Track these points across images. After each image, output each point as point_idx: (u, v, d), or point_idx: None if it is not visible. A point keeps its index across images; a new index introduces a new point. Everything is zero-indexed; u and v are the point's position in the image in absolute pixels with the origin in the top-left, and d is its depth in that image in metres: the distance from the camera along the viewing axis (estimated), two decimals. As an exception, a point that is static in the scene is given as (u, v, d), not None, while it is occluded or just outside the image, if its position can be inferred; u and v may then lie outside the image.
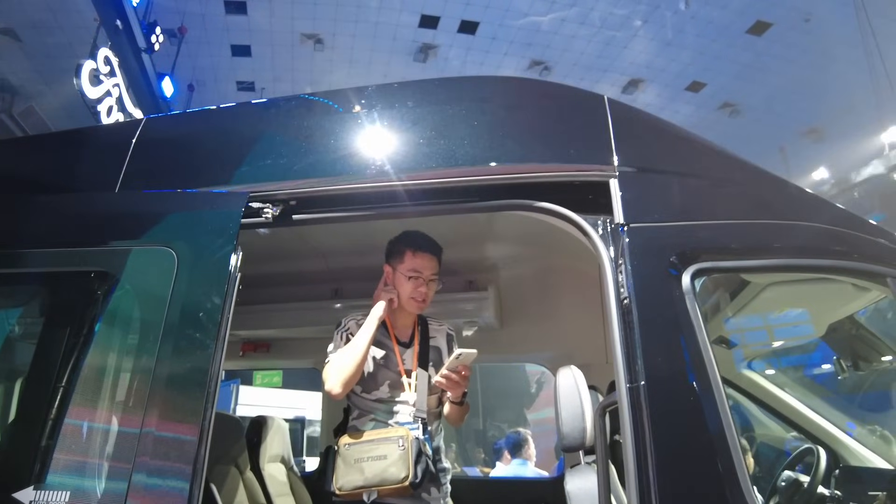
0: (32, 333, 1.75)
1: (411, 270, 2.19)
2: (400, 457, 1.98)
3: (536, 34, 13.84)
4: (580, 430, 1.56)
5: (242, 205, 1.71)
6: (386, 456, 1.99)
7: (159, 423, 1.50)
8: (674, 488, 1.29)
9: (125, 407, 1.55)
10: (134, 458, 1.48)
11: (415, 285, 2.19)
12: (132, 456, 1.48)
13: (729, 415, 1.32)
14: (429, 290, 2.23)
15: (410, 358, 2.25)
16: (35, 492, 1.47)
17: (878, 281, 1.48)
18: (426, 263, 2.21)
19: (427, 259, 2.21)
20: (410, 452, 1.98)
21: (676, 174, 1.64)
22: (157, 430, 1.50)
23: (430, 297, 2.26)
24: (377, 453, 2.01)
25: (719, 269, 1.56)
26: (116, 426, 1.54)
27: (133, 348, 1.60)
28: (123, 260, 1.69)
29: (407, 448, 1.99)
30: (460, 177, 1.71)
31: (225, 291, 1.60)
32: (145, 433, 1.49)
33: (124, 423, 1.54)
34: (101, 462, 1.53)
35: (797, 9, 12.67)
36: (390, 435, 2.04)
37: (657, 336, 1.40)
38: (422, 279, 2.20)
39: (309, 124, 1.93)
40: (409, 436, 2.02)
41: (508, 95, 1.94)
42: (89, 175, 2.02)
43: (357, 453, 2.03)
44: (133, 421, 1.52)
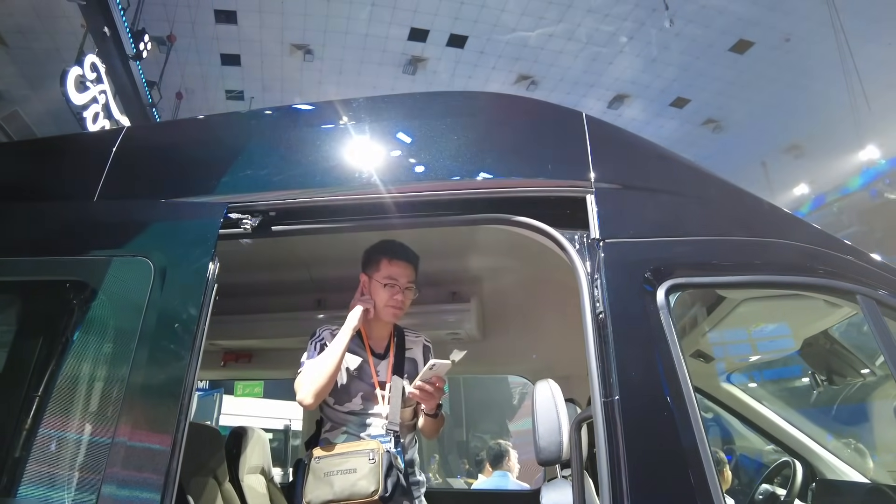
0: (6, 343, 1.72)
1: (387, 278, 2.19)
2: (370, 470, 1.94)
3: (524, 49, 14.00)
4: (556, 444, 1.57)
5: (221, 215, 1.70)
6: (356, 469, 1.95)
7: (131, 434, 1.48)
8: (647, 498, 1.30)
9: (97, 417, 1.53)
10: (104, 469, 1.45)
11: (391, 293, 2.18)
12: (102, 467, 1.46)
13: (702, 429, 1.33)
14: (405, 298, 2.22)
15: (385, 369, 2.22)
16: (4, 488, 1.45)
17: (848, 298, 1.51)
18: (402, 271, 2.20)
19: (402, 267, 2.21)
20: (381, 466, 1.95)
21: (652, 191, 1.68)
22: (129, 440, 1.47)
23: (406, 305, 2.24)
24: (347, 466, 1.97)
25: (693, 285, 1.59)
26: (88, 436, 1.52)
27: (107, 359, 1.58)
28: (99, 270, 1.68)
29: (377, 461, 1.96)
30: (440, 190, 1.73)
31: (201, 302, 1.59)
32: (117, 443, 1.47)
33: (96, 433, 1.52)
34: (72, 473, 1.51)
35: (777, 29, 12.97)
36: (361, 448, 2.01)
37: (632, 351, 1.42)
38: (398, 287, 2.19)
39: (290, 136, 1.94)
40: (380, 449, 1.99)
41: (488, 111, 1.97)
42: (68, 183, 2.00)
43: (327, 466, 1.99)
44: (105, 431, 1.50)
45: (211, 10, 12.19)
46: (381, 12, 12.69)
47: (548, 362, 3.18)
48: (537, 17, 12.95)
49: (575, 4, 12.50)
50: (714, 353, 2.61)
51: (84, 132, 6.40)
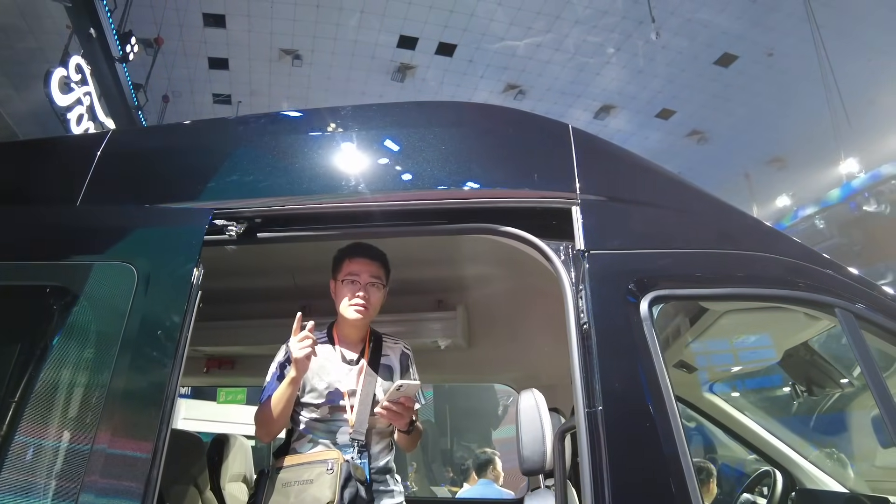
0: None
1: (347, 274, 2.14)
2: (326, 481, 1.88)
3: (512, 59, 14.12)
4: (540, 454, 1.58)
5: (206, 222, 1.69)
6: (312, 480, 1.90)
7: (111, 441, 1.46)
8: (629, 510, 1.31)
9: (77, 424, 1.50)
10: (82, 477, 1.43)
11: (352, 290, 2.12)
12: (81, 475, 1.43)
13: (684, 440, 1.35)
14: (369, 294, 2.13)
15: (355, 376, 2.14)
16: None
17: (826, 311, 1.54)
18: (362, 267, 2.15)
19: (363, 263, 2.15)
20: (338, 476, 1.89)
21: (637, 203, 1.70)
22: (109, 447, 1.45)
23: (373, 303, 2.15)
24: (305, 477, 1.91)
25: (676, 297, 1.61)
26: (66, 444, 1.49)
27: (88, 365, 1.55)
28: (82, 275, 1.66)
29: (336, 472, 1.90)
30: (426, 199, 1.73)
31: (185, 309, 1.57)
32: (96, 451, 1.44)
33: (75, 440, 1.49)
34: (49, 481, 1.47)
35: (761, 43, 13.22)
36: (320, 458, 1.96)
37: (615, 361, 1.43)
38: (358, 283, 2.12)
39: (276, 143, 1.93)
40: (339, 459, 1.93)
41: (476, 121, 1.98)
42: (51, 187, 1.98)
43: (287, 477, 1.94)
44: (84, 438, 1.47)
45: (199, 13, 12.14)
46: (371, 19, 12.72)
47: (533, 372, 3.18)
48: (525, 28, 13.08)
49: (563, 15, 12.65)
50: (697, 364, 2.64)
51: (68, 135, 6.31)
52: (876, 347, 1.59)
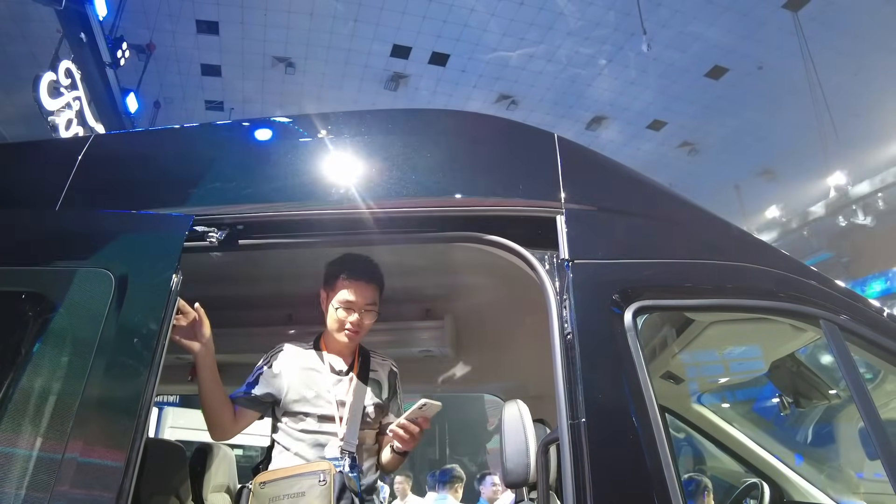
0: None
1: (342, 302, 2.07)
2: (320, 493, 1.77)
3: (505, 69, 14.21)
4: (524, 466, 1.56)
5: (186, 228, 1.66)
6: (304, 493, 1.78)
7: (84, 450, 1.41)
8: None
9: (49, 433, 1.45)
10: (52, 487, 1.38)
11: (345, 316, 2.07)
12: (51, 485, 1.38)
13: (668, 453, 1.33)
14: (362, 319, 2.08)
15: (345, 388, 2.08)
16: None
17: (811, 322, 1.53)
18: (359, 294, 2.07)
19: (360, 289, 2.08)
20: (332, 488, 1.78)
21: (622, 213, 1.69)
22: (81, 456, 1.41)
23: (364, 328, 2.11)
24: (295, 490, 1.79)
25: (661, 308, 1.60)
26: (37, 452, 1.44)
27: (63, 372, 1.51)
28: (58, 281, 1.62)
29: (329, 483, 1.79)
30: (411, 207, 1.72)
31: (162, 316, 1.54)
32: (67, 460, 1.40)
33: (46, 449, 1.44)
34: (18, 491, 1.42)
35: (751, 57, 13.38)
36: (310, 469, 1.85)
37: (599, 372, 1.41)
38: (354, 310, 2.07)
39: (260, 149, 1.92)
40: (331, 470, 1.83)
41: (461, 129, 1.97)
42: (31, 191, 1.94)
43: (273, 491, 1.81)
44: (56, 447, 1.42)
45: (192, 20, 12.13)
46: (364, 28, 12.77)
47: (521, 382, 3.16)
48: (518, 38, 13.17)
49: (555, 27, 12.75)
50: (684, 375, 2.63)
51: (50, 139, 6.25)
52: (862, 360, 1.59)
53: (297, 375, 2.08)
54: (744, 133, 15.61)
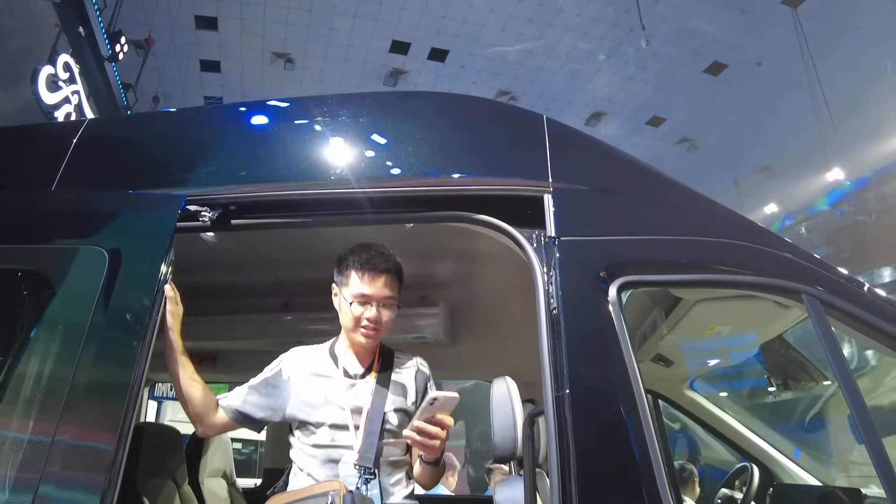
0: None
1: (356, 296, 1.84)
2: None
3: (504, 65, 14.23)
4: (511, 441, 1.58)
5: (178, 207, 1.68)
6: None
7: (74, 431, 1.42)
8: (594, 491, 1.32)
9: (40, 412, 1.45)
10: (43, 468, 1.38)
11: (361, 312, 1.83)
12: (41, 465, 1.38)
13: (650, 422, 1.35)
14: (380, 315, 1.84)
15: (361, 392, 1.84)
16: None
17: (793, 297, 1.55)
18: (375, 286, 1.84)
19: (376, 280, 1.85)
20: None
21: (608, 191, 1.71)
22: (72, 438, 1.41)
23: (384, 324, 1.86)
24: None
25: (645, 283, 1.62)
26: (28, 433, 1.44)
27: (55, 350, 1.53)
28: (53, 258, 1.65)
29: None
30: (401, 187, 1.74)
31: (154, 295, 1.56)
32: (58, 441, 1.40)
33: (37, 429, 1.44)
34: (8, 472, 1.41)
35: (750, 53, 13.40)
36: (318, 490, 1.64)
37: (583, 346, 1.44)
38: (370, 303, 1.84)
39: (251, 131, 1.94)
40: (341, 490, 1.60)
41: (452, 111, 1.99)
42: (26, 172, 1.97)
43: None
44: (46, 427, 1.42)
45: (191, 15, 12.15)
46: (363, 24, 12.78)
47: (515, 368, 3.17)
48: (517, 34, 13.18)
49: (554, 22, 12.77)
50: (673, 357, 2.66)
51: (46, 123, 6.26)
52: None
53: (306, 383, 1.86)
54: (743, 129, 15.63)
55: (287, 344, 3.46)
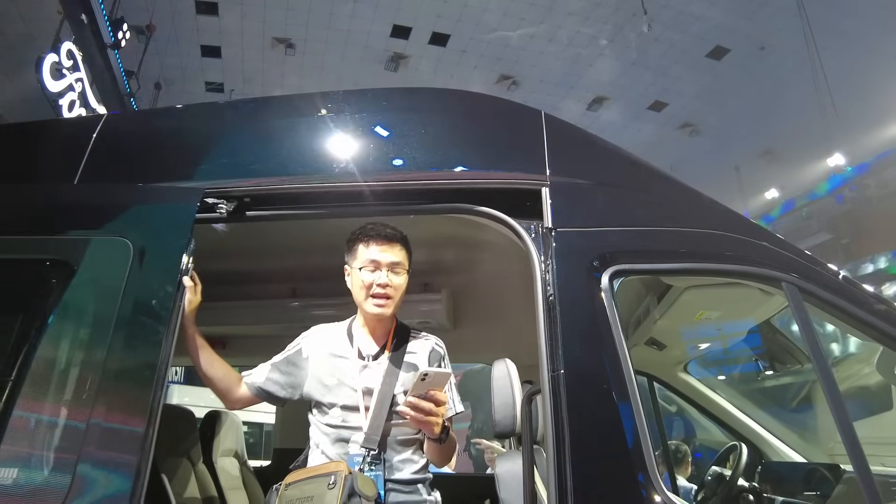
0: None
1: (364, 262, 1.89)
2: (327, 497, 1.62)
3: (505, 49, 14.14)
4: (511, 418, 1.69)
5: (197, 200, 1.78)
6: (313, 497, 1.66)
7: (107, 413, 1.52)
8: (587, 463, 1.44)
9: (74, 395, 1.56)
10: (80, 449, 1.48)
11: (371, 280, 1.88)
12: (78, 446, 1.49)
13: (638, 400, 1.47)
14: (390, 282, 1.89)
15: (373, 374, 1.89)
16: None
17: (774, 285, 1.66)
18: (381, 252, 1.90)
19: (380, 247, 1.90)
20: (340, 491, 1.61)
21: (602, 184, 1.81)
22: (105, 420, 1.52)
23: (396, 292, 1.91)
24: (307, 493, 1.68)
25: (635, 271, 1.72)
26: (64, 417, 1.54)
27: (86, 336, 1.63)
28: (80, 249, 1.75)
29: (338, 485, 1.63)
30: (406, 180, 1.84)
31: (177, 283, 1.67)
32: (92, 424, 1.51)
33: (72, 412, 1.54)
34: (48, 453, 1.52)
35: (753, 37, 13.31)
36: (323, 472, 1.71)
37: (577, 329, 1.55)
38: (378, 268, 1.89)
39: (265, 125, 2.03)
40: (344, 471, 1.67)
41: (454, 107, 2.08)
42: (48, 166, 2.06)
43: (291, 494, 1.72)
44: (81, 410, 1.53)
45: (192, 0, 12.09)
46: (364, 8, 12.71)
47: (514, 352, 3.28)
48: (519, 18, 13.11)
49: (556, 7, 12.68)
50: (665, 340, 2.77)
51: (66, 118, 6.34)
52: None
53: (323, 363, 1.93)
54: (745, 114, 15.57)
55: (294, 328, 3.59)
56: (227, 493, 3.14)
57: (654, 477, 1.40)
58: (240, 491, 3.32)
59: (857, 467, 1.41)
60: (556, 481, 1.42)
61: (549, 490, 1.44)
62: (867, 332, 1.60)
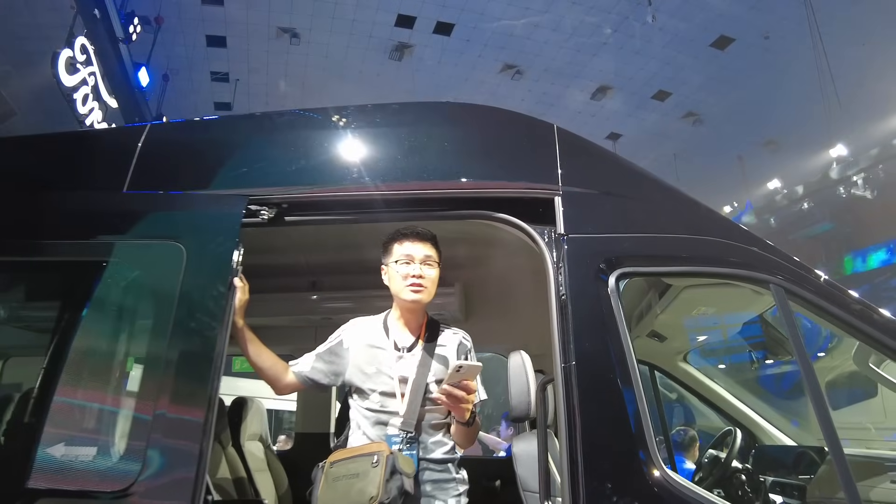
0: (58, 318, 1.93)
1: (400, 256, 2.09)
2: (371, 475, 1.82)
3: (510, 38, 14.17)
4: (526, 404, 1.89)
5: (243, 206, 1.97)
6: (358, 474, 1.84)
7: (171, 403, 1.72)
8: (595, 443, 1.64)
9: (141, 387, 1.76)
10: (148, 435, 1.69)
11: (406, 271, 2.07)
12: (147, 433, 1.70)
13: (640, 388, 1.66)
14: (424, 273, 2.07)
15: (408, 364, 2.08)
16: (64, 453, 1.71)
17: (763, 286, 1.84)
18: (414, 248, 2.09)
19: (414, 244, 2.10)
20: (383, 469, 1.81)
21: (609, 194, 1.99)
22: (169, 409, 1.71)
23: (430, 283, 2.09)
24: (352, 470, 1.87)
25: (639, 274, 1.91)
26: (133, 406, 1.76)
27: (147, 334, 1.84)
28: (136, 253, 1.94)
29: (381, 464, 1.83)
30: (431, 189, 2.02)
31: (229, 282, 1.86)
32: (159, 412, 1.71)
33: (140, 403, 1.75)
34: (117, 441, 1.74)
35: (757, 26, 13.32)
36: (366, 451, 1.91)
37: (586, 326, 1.74)
38: (413, 263, 2.08)
39: (300, 137, 2.21)
40: (385, 451, 1.87)
41: (474, 120, 2.25)
42: (96, 176, 2.23)
43: (337, 472, 1.90)
44: (148, 401, 1.73)
45: (197, -10, 12.14)
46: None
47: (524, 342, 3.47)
48: (523, 7, 13.13)
49: (560, -5, 12.71)
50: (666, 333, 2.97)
51: (110, 128, 6.50)
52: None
53: (362, 353, 2.11)
54: (749, 103, 15.59)
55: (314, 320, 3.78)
56: (254, 474, 3.36)
57: (654, 454, 1.60)
58: (265, 473, 3.55)
59: (831, 448, 1.60)
60: (568, 460, 1.62)
61: (561, 467, 1.64)
62: (844, 328, 1.79)
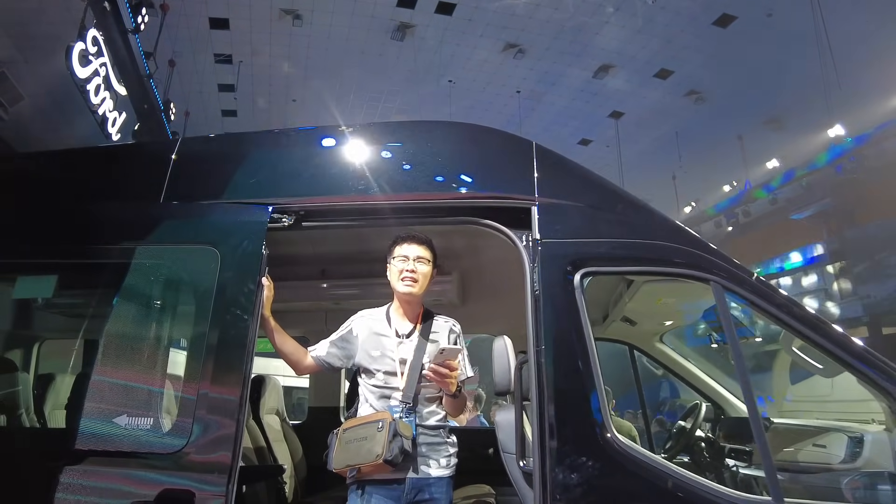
0: (109, 313, 2.31)
1: (398, 255, 2.52)
2: (377, 437, 2.23)
3: (511, 18, 14.15)
4: (507, 380, 2.26)
5: (268, 215, 2.32)
6: (366, 437, 2.26)
7: (212, 383, 2.08)
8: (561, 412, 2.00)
9: (187, 370, 2.13)
10: (194, 412, 2.05)
11: (402, 267, 2.49)
12: (192, 410, 2.06)
13: (598, 367, 2.03)
14: (416, 269, 2.49)
15: (407, 349, 2.48)
16: (127, 422, 2.08)
17: (705, 283, 2.17)
18: (410, 248, 2.52)
19: (411, 245, 2.52)
20: (387, 433, 2.21)
21: (578, 204, 2.32)
22: (212, 389, 2.08)
23: (421, 278, 2.51)
24: (361, 435, 2.29)
25: (600, 273, 2.26)
26: (180, 387, 2.13)
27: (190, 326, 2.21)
28: (176, 257, 2.29)
29: (385, 429, 2.23)
30: (426, 199, 2.39)
31: (258, 280, 2.21)
32: (202, 392, 2.08)
33: (186, 384, 2.12)
34: (166, 418, 2.11)
35: (760, 4, 13.27)
36: (373, 419, 2.32)
37: (555, 316, 2.10)
38: (407, 259, 2.50)
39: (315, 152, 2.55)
40: (388, 418, 2.27)
41: (466, 139, 2.60)
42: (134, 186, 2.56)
43: (348, 436, 2.34)
44: (193, 382, 2.10)
45: (200, -27, 12.21)
46: (371, -21, 12.76)
47: (513, 323, 3.85)
48: (525, -13, 13.14)
49: (562, -25, 12.69)
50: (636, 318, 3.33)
51: (144, 141, 6.78)
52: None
53: (369, 339, 2.51)
54: (751, 82, 15.55)
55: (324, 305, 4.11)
56: (273, 444, 3.76)
57: (607, 420, 1.97)
58: (282, 443, 3.96)
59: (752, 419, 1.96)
60: (538, 426, 1.99)
61: (533, 431, 2.00)
62: (771, 319, 2.13)
